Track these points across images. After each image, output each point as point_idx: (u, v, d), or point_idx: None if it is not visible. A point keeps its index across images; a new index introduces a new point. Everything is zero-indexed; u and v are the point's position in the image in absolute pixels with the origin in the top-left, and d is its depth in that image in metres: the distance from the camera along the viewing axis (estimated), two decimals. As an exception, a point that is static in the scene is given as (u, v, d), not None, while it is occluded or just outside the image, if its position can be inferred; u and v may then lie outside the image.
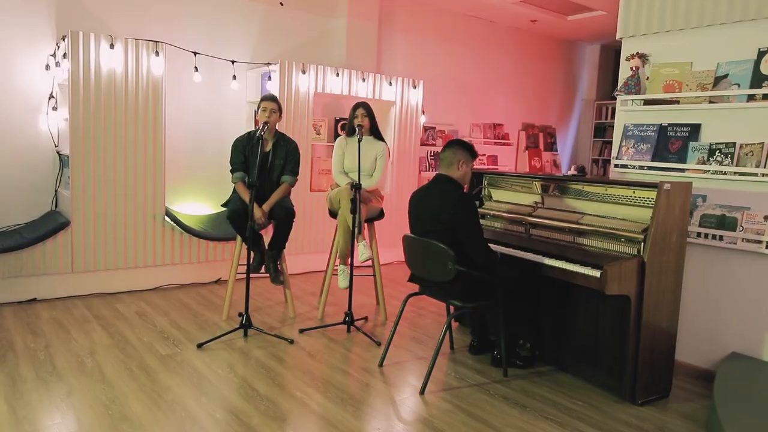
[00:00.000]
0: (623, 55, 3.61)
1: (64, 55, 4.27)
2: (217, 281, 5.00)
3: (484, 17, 7.48)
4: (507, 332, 3.18)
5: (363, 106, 4.02)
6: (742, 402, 2.57)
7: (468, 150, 3.06)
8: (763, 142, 2.98)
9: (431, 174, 6.46)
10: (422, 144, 6.63)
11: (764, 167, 2.96)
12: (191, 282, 4.86)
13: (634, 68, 3.50)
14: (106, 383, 2.83)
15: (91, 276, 4.37)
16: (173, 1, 5.09)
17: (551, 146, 8.49)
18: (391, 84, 5.88)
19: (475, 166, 7.09)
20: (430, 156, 6.86)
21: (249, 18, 5.54)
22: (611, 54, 9.12)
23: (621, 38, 3.64)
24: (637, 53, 3.49)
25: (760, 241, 2.98)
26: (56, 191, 4.66)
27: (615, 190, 3.07)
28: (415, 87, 6.08)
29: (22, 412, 2.50)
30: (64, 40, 4.32)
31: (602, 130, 9.05)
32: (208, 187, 5.41)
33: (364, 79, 5.68)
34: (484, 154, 7.62)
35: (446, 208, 2.89)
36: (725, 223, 3.11)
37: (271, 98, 3.86)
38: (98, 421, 2.44)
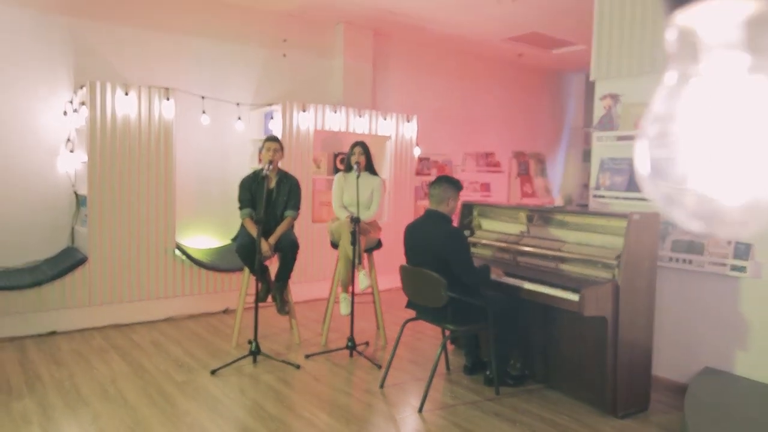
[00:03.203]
0: (597, 95, 3.95)
1: (82, 103, 4.61)
2: (225, 311, 5.26)
3: (474, 53, 7.88)
4: (498, 353, 3.44)
5: (360, 144, 4.34)
6: (710, 413, 2.82)
7: (455, 185, 3.37)
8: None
9: (427, 202, 6.75)
10: (418, 174, 6.95)
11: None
12: (200, 312, 5.12)
13: (606, 107, 3.83)
14: (129, 408, 3.08)
15: (107, 308, 4.63)
16: (182, 49, 5.45)
17: (542, 172, 8.82)
18: (386, 119, 6.23)
19: (469, 195, 7.35)
20: (426, 185, 7.17)
21: (251, 62, 5.91)
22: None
23: (594, 79, 3.99)
24: (609, 94, 3.83)
25: (725, 264, 3.27)
26: (73, 228, 4.95)
27: (592, 220, 3.36)
28: (409, 121, 6.43)
29: (56, 436, 2.74)
30: (82, 88, 4.66)
31: (591, 156, 9.39)
32: (214, 222, 5.70)
33: (360, 116, 6.03)
34: (476, 182, 7.94)
35: (438, 242, 3.18)
36: (693, 247, 3.40)
37: (273, 139, 4.18)
38: (126, 443, 2.69)
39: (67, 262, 4.51)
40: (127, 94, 4.62)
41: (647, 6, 3.65)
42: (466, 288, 3.21)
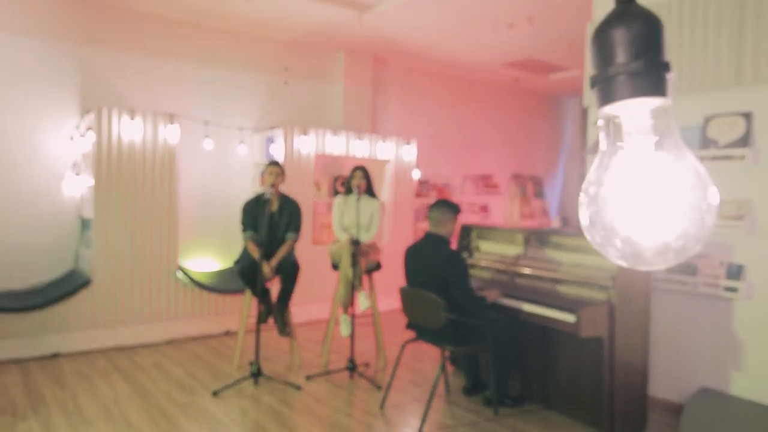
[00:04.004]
0: (590, 121, 4.06)
1: (89, 128, 4.72)
2: (226, 333, 5.29)
3: (471, 78, 8.05)
4: (497, 374, 3.48)
5: (361, 169, 4.44)
6: (706, 432, 2.86)
7: (452, 209, 3.46)
8: (714, 197, 3.38)
9: (426, 224, 6.83)
10: (417, 196, 7.05)
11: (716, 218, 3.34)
12: (202, 334, 5.16)
13: (600, 132, 3.93)
14: (132, 429, 3.12)
15: (110, 330, 4.68)
16: (186, 76, 5.59)
17: (540, 194, 8.92)
18: (386, 143, 6.34)
19: (468, 217, 7.41)
20: (426, 208, 7.26)
21: (254, 88, 6.05)
22: (593, 106, 9.65)
23: (587, 106, 4.10)
24: (603, 119, 3.93)
25: (717, 285, 3.33)
26: (77, 251, 5.02)
27: (587, 242, 3.43)
28: (408, 144, 6.55)
29: (60, 457, 2.78)
30: (88, 113, 4.78)
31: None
32: (216, 244, 5.77)
33: (360, 139, 6.14)
34: (475, 204, 8.03)
35: (437, 264, 3.26)
36: (687, 269, 3.47)
37: (275, 163, 4.28)
38: (129, 463, 2.72)
39: (71, 284, 4.57)
40: (132, 119, 4.73)
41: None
42: (465, 309, 3.27)
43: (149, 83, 5.39)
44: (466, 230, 4.33)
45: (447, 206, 3.45)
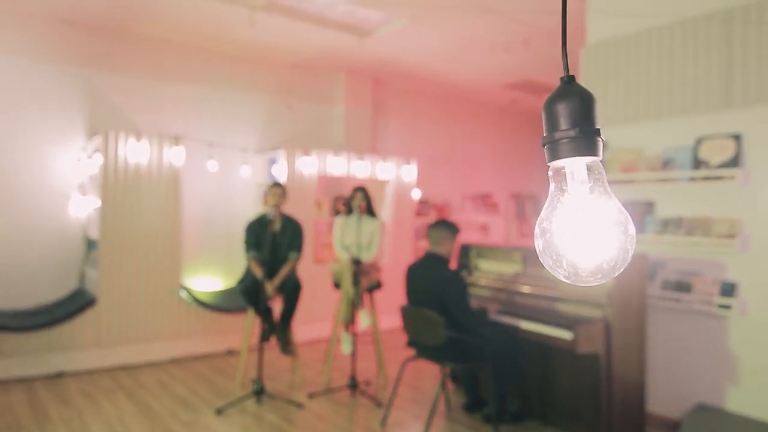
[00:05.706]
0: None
1: (96, 150, 4.83)
2: (230, 352, 5.34)
3: (470, 98, 8.20)
4: (496, 390, 3.53)
5: (361, 190, 4.53)
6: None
7: (450, 228, 3.54)
8: (708, 216, 3.46)
9: (427, 243, 6.89)
10: (418, 215, 7.14)
11: (709, 236, 3.42)
12: (205, 352, 5.21)
13: (595, 153, 4.03)
14: (137, 447, 3.16)
15: (114, 349, 4.74)
16: (190, 98, 5.73)
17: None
18: (386, 163, 6.45)
19: (467, 236, 7.48)
20: (426, 227, 7.33)
21: (257, 109, 6.18)
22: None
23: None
24: (597, 140, 4.03)
25: (711, 302, 3.40)
26: (82, 271, 5.09)
27: (583, 261, 3.50)
28: (408, 164, 6.66)
29: (67, 474, 2.82)
30: (95, 136, 4.89)
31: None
32: (219, 263, 5.84)
33: (361, 159, 6.25)
34: (475, 223, 8.12)
35: (436, 283, 3.33)
36: (682, 286, 3.54)
37: (277, 185, 4.38)
38: (135, 480, 2.76)
39: (77, 303, 4.64)
40: (139, 141, 4.84)
41: (631, 56, 3.91)
42: (464, 327, 3.33)
43: (154, 106, 5.52)
44: (466, 249, 4.40)
45: (446, 226, 3.53)
